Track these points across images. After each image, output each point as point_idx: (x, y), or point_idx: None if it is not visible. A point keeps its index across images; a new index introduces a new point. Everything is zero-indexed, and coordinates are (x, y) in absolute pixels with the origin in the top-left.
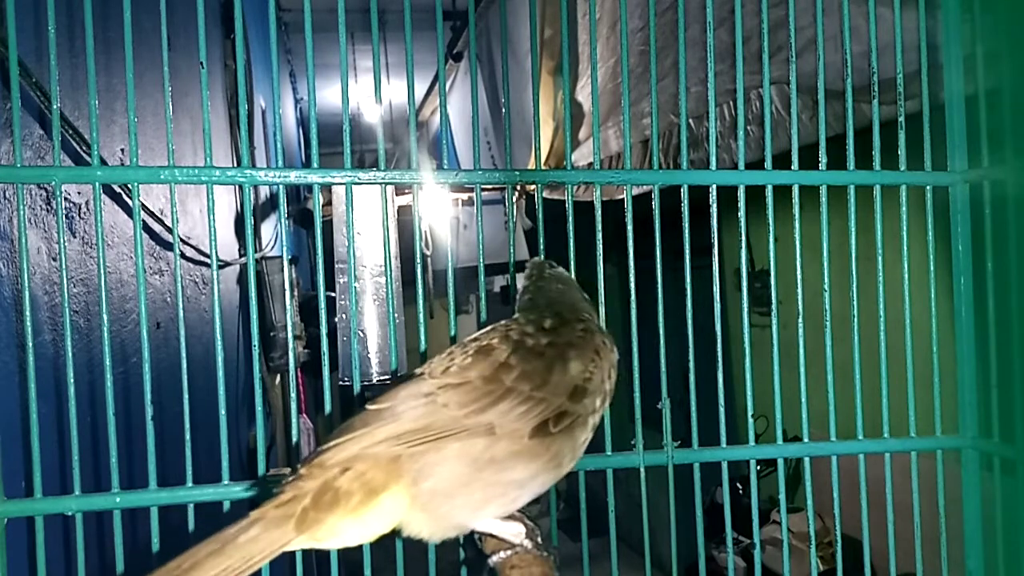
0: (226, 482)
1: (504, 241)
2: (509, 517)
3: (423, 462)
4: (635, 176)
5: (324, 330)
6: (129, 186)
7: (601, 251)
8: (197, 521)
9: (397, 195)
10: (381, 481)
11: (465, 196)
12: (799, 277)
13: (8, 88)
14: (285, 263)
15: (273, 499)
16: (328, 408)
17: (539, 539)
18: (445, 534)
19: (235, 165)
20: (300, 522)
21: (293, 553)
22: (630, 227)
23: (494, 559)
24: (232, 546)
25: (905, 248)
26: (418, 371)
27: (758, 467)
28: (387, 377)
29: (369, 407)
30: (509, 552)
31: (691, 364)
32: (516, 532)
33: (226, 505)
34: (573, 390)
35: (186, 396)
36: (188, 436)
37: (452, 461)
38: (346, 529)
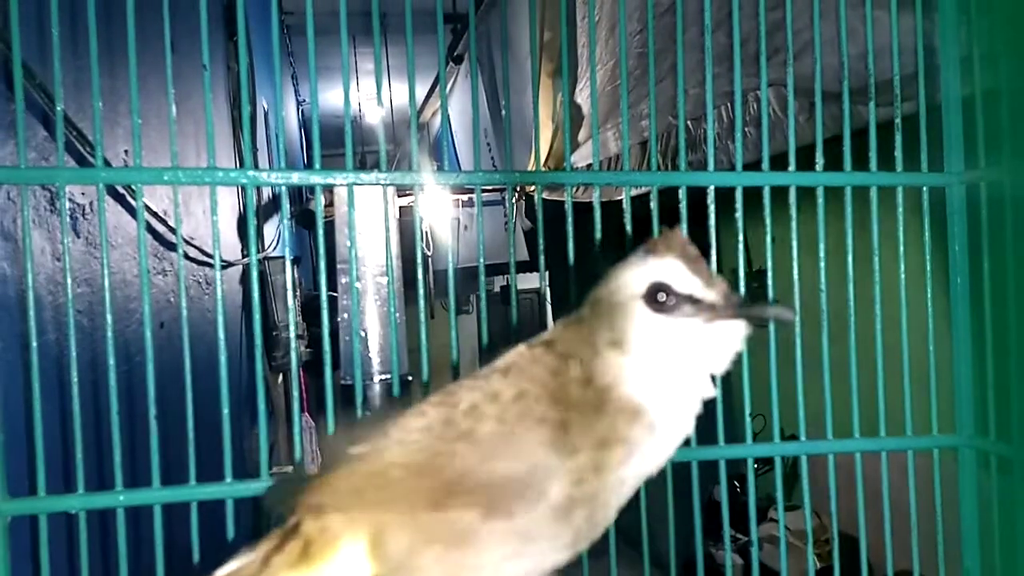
0: (229, 480)
1: (504, 241)
2: None
3: (382, 525)
4: (634, 177)
5: (326, 330)
6: (133, 187)
7: (600, 252)
8: (200, 519)
9: (398, 196)
10: (341, 535)
11: (465, 197)
12: (796, 277)
13: (12, 90)
14: (287, 263)
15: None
16: (330, 407)
17: None
18: None
19: (238, 166)
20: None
21: None
22: (629, 228)
23: None
24: None
25: (902, 248)
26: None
27: (755, 465)
28: (387, 376)
29: (355, 449)
30: None
31: None
32: None
33: (229, 503)
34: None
35: (189, 395)
36: (191, 435)
37: (403, 531)
38: None
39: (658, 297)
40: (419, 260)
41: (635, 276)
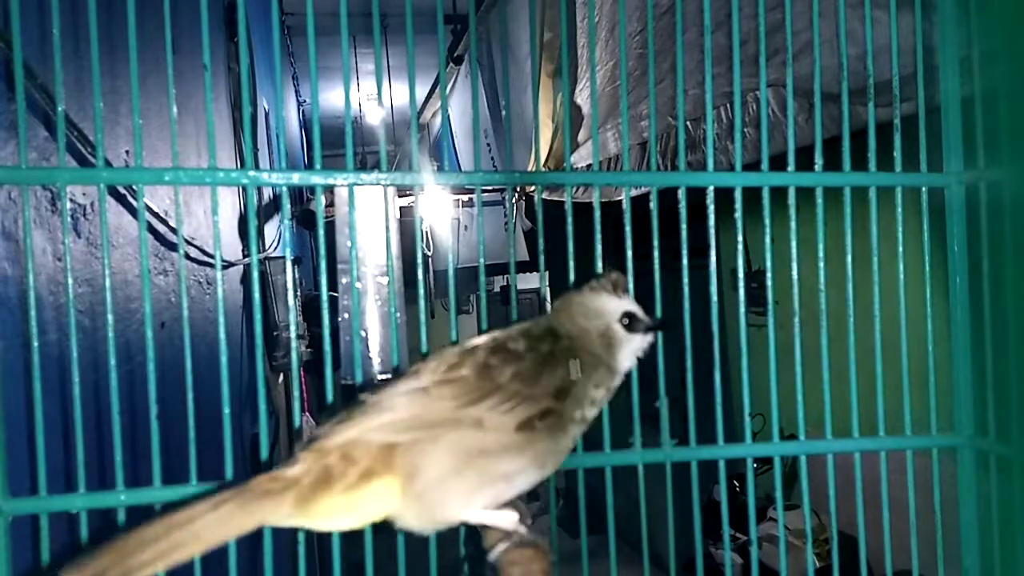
0: (229, 479)
1: (504, 242)
2: (503, 506)
3: (415, 451)
4: (633, 178)
5: (327, 330)
6: (134, 187)
7: (600, 251)
8: None
9: (399, 196)
10: (375, 468)
11: (465, 197)
12: (795, 277)
13: (13, 90)
14: (288, 263)
15: (269, 474)
16: (331, 407)
17: (530, 522)
18: (436, 525)
19: (239, 167)
20: (296, 497)
21: (295, 549)
22: (628, 228)
23: (493, 555)
24: (216, 514)
25: (901, 249)
26: (412, 369)
27: (755, 465)
28: (387, 376)
29: (367, 397)
30: (507, 544)
31: (688, 363)
32: (510, 519)
33: None
34: (558, 390)
35: (190, 395)
36: (192, 434)
37: (444, 450)
38: (337, 509)
39: (628, 321)
40: (419, 260)
41: (611, 306)
